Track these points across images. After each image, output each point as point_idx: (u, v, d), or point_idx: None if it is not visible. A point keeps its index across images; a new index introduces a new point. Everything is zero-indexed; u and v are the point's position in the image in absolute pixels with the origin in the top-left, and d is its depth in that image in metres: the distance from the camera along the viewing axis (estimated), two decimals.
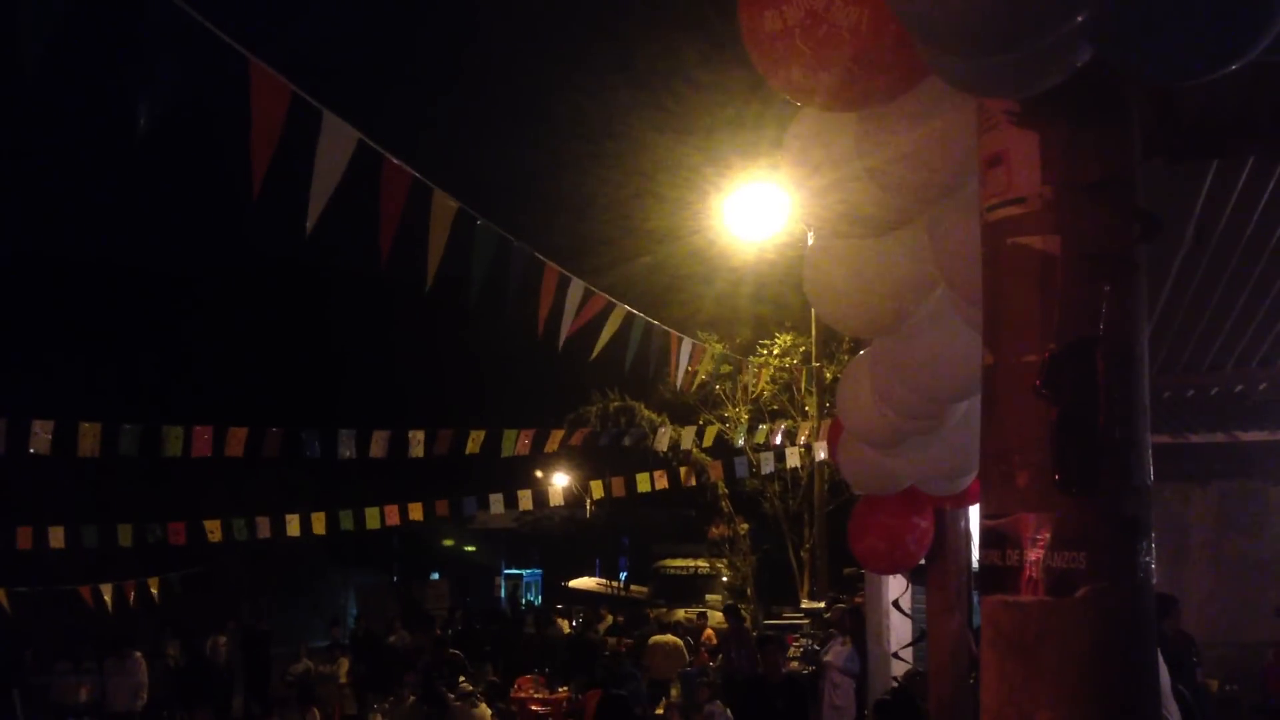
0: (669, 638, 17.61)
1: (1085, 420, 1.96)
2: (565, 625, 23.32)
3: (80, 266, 25.36)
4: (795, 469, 17.49)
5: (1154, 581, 2.02)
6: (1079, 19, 1.65)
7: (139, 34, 3.80)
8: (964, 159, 2.38)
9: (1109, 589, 1.95)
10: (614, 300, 7.89)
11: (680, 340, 9.53)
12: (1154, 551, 2.01)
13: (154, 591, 14.65)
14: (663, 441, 15.21)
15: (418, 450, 12.11)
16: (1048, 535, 1.97)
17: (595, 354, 8.32)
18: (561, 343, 7.07)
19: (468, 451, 12.42)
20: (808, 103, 2.48)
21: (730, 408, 18.89)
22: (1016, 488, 2.01)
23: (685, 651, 17.56)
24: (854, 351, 15.45)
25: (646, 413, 19.44)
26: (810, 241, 3.68)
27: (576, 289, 7.08)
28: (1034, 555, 1.98)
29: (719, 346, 16.47)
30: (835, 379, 16.64)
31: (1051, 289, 2.01)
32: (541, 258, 6.60)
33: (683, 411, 18.91)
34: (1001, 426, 2.07)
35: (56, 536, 12.09)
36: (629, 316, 8.21)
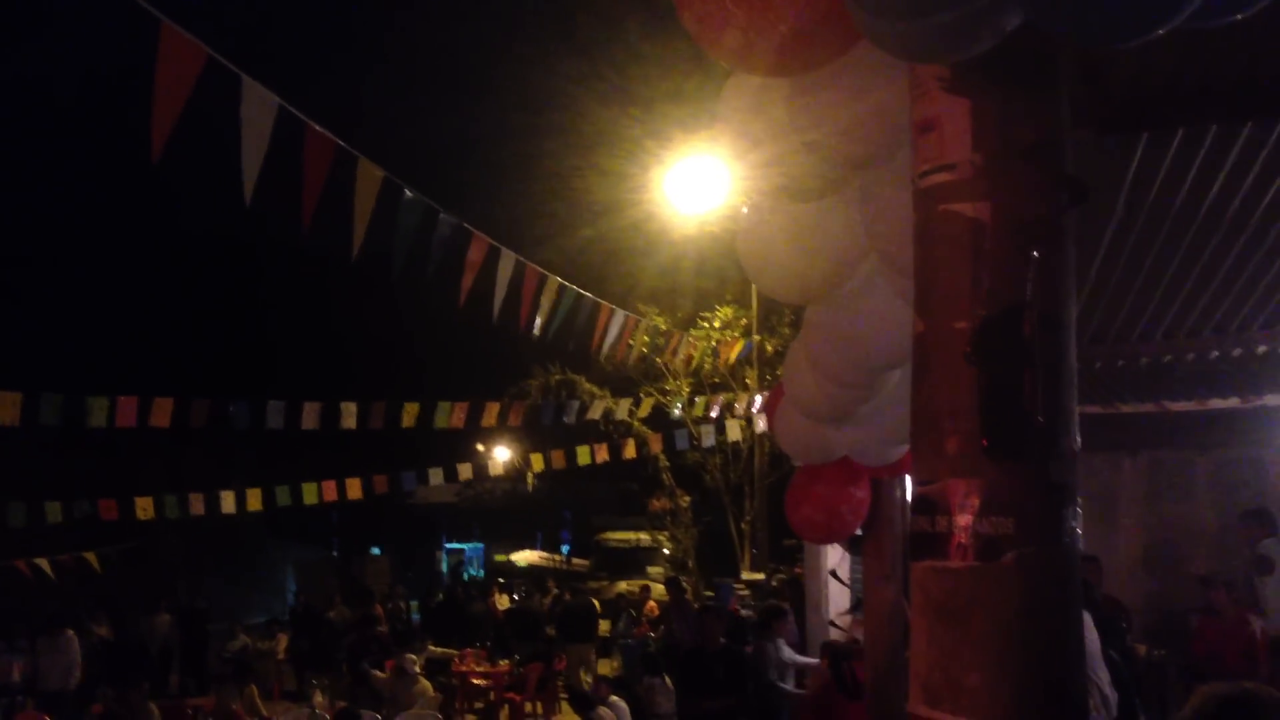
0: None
1: (1013, 387, 1.97)
2: (505, 599, 23.29)
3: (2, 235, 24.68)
4: (736, 442, 17.56)
5: (1080, 547, 2.03)
6: None
7: None
8: (897, 128, 2.37)
9: (1036, 554, 1.96)
10: (545, 272, 7.84)
11: (612, 312, 9.50)
12: (1080, 517, 2.03)
13: (95, 565, 14.40)
14: (597, 411, 15.18)
15: (349, 422, 11.97)
16: (976, 501, 1.97)
17: (538, 331, 8.27)
18: (495, 317, 7.01)
19: (404, 425, 12.30)
20: (741, 68, 2.46)
21: (671, 380, 18.92)
22: (946, 454, 2.01)
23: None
24: (795, 325, 15.53)
25: (587, 386, 19.41)
26: (745, 211, 3.67)
27: (508, 260, 7.01)
28: (963, 521, 1.98)
29: (660, 320, 16.46)
30: (776, 352, 16.75)
31: (982, 256, 2.01)
32: (469, 228, 6.53)
33: (625, 385, 18.90)
34: (932, 393, 2.07)
35: None
36: (562, 288, 8.17)
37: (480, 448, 29.76)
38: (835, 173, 2.81)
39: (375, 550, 36.23)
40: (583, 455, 13.98)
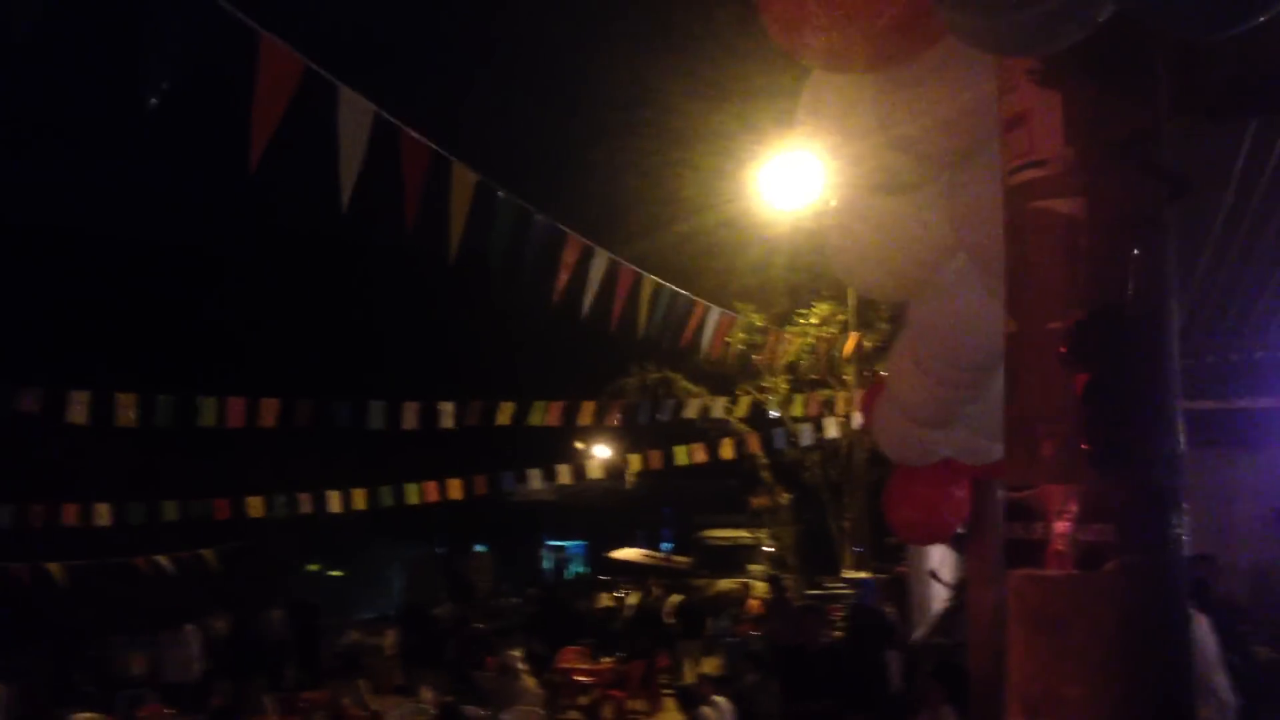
0: None
1: (1114, 389, 1.90)
2: (607, 598, 23.37)
3: (108, 241, 25.56)
4: (835, 439, 17.36)
5: (1185, 554, 1.95)
6: None
7: (150, 8, 3.80)
8: (990, 123, 2.31)
9: (1139, 562, 1.89)
10: (640, 271, 7.84)
11: (707, 309, 9.45)
12: (1186, 523, 1.95)
13: (212, 562, 14.90)
14: (693, 409, 15.14)
15: (448, 422, 12.16)
16: (1074, 508, 1.91)
17: (641, 332, 8.28)
18: (585, 315, 7.03)
19: (497, 423, 12.45)
20: (822, 67, 2.42)
21: (768, 378, 18.79)
22: (1041, 459, 1.95)
23: None
24: (893, 320, 15.30)
25: (684, 384, 19.39)
26: (834, 205, 3.61)
27: (601, 259, 7.03)
28: (1060, 528, 1.92)
29: (756, 317, 16.35)
30: (875, 348, 16.51)
31: (1076, 253, 1.94)
32: (563, 228, 6.56)
33: (722, 383, 18.83)
34: (1025, 396, 2.01)
35: (103, 513, 12.30)
36: (657, 287, 8.16)
37: (580, 446, 29.94)
38: (925, 168, 2.75)
39: (479, 547, 36.68)
40: (680, 455, 13.96)
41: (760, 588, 20.79)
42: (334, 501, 13.48)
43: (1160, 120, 1.98)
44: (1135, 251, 1.91)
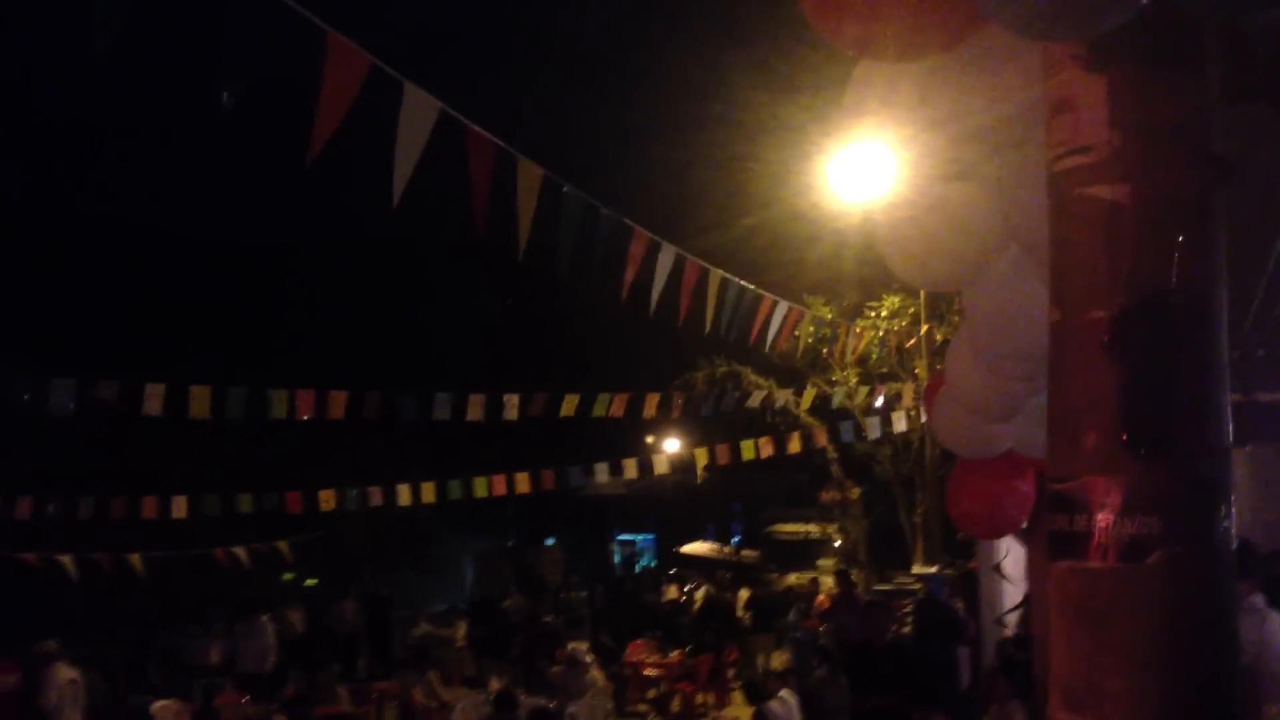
0: None
1: (1157, 379, 1.87)
2: (674, 590, 23.38)
3: (183, 240, 26.13)
4: (905, 433, 17.18)
5: (1233, 547, 1.92)
6: None
7: (220, 8, 3.89)
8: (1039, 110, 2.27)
9: (1185, 555, 1.86)
10: (706, 265, 7.82)
11: (775, 303, 9.40)
12: (1233, 515, 1.91)
13: (286, 554, 15.20)
14: (756, 399, 15.08)
15: (512, 413, 12.27)
16: (1118, 499, 1.89)
17: (708, 327, 8.26)
18: (653, 311, 7.04)
19: (562, 415, 12.53)
20: (863, 55, 2.40)
21: (838, 371, 18.66)
22: (1084, 450, 1.93)
23: None
24: (962, 313, 15.08)
25: (753, 377, 19.33)
26: (892, 197, 3.58)
27: (668, 255, 7.03)
28: (1104, 520, 1.90)
29: (826, 310, 16.24)
30: (946, 341, 16.31)
31: (1120, 241, 1.91)
32: (630, 223, 6.57)
33: (791, 376, 18.73)
34: (1068, 386, 1.98)
35: (179, 506, 12.61)
36: (724, 281, 8.14)
37: (650, 440, 30.00)
38: (978, 156, 2.72)
39: (549, 541, 36.93)
40: (747, 450, 13.92)
41: (829, 582, 20.65)
42: (404, 495, 13.67)
43: (1209, 105, 1.94)
44: (1180, 239, 1.87)
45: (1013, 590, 10.12)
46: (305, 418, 11.12)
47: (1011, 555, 8.77)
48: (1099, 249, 1.94)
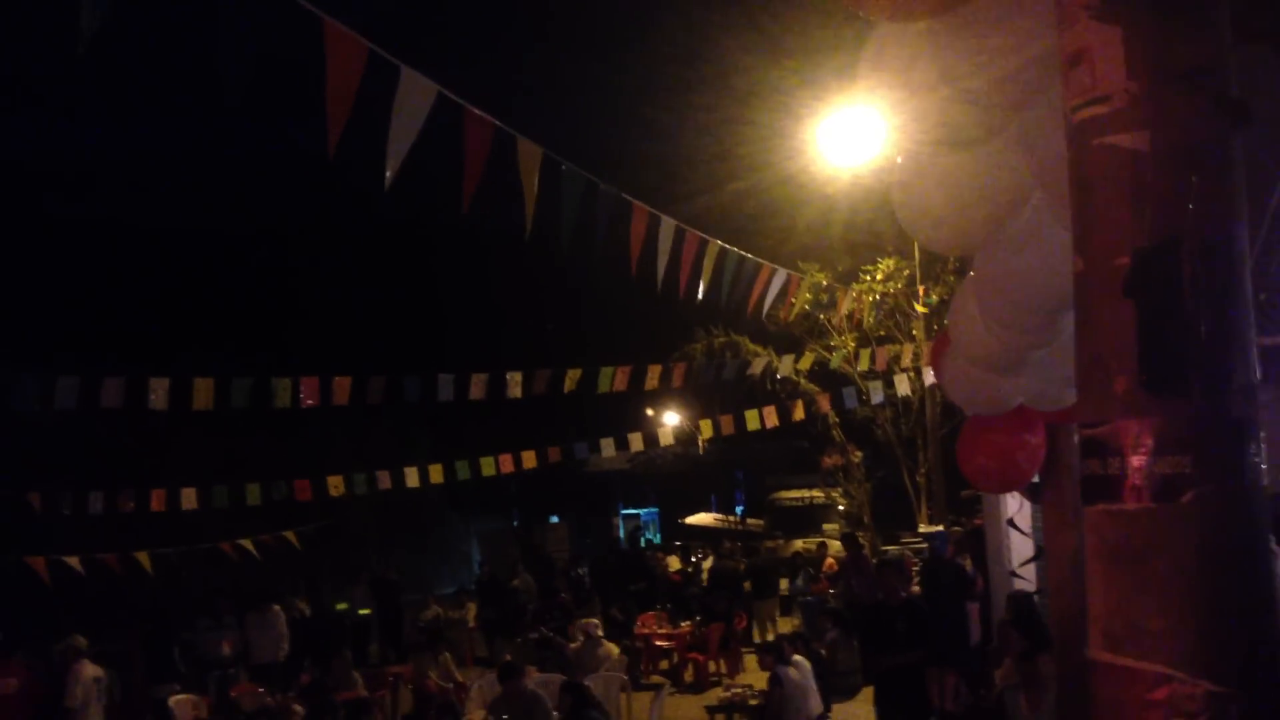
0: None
1: (1169, 318, 1.90)
2: (676, 561, 23.49)
3: (176, 232, 26.02)
4: (906, 395, 17.24)
5: (1265, 484, 1.95)
6: None
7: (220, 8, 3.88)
8: (1053, 66, 2.30)
9: (1217, 493, 1.89)
10: (706, 237, 7.83)
11: (773, 271, 9.41)
12: (1264, 452, 1.95)
13: (295, 543, 15.24)
14: (758, 366, 15.10)
15: (515, 391, 12.31)
16: (1150, 441, 1.92)
17: (701, 295, 8.28)
18: (660, 284, 7.05)
19: (566, 390, 12.56)
20: (871, 14, 2.42)
21: (836, 336, 18.70)
22: (1115, 394, 1.96)
23: None
24: (959, 273, 15.12)
25: (751, 346, 19.36)
26: (899, 162, 3.60)
27: (668, 227, 7.04)
28: (1136, 462, 1.93)
29: (821, 276, 16.27)
30: (942, 301, 16.35)
31: (1141, 188, 1.94)
32: (629, 198, 6.57)
33: (789, 344, 18.75)
34: (1096, 333, 2.01)
35: (189, 498, 12.65)
36: (723, 250, 8.15)
37: (650, 413, 30.05)
38: (993, 118, 2.74)
39: (553, 519, 37.07)
40: (751, 420, 13.96)
41: (836, 546, 20.77)
42: (412, 477, 13.72)
43: (1223, 49, 1.96)
44: (1194, 179, 1.90)
45: (1021, 544, 10.21)
46: (310, 403, 11.15)
47: (1024, 509, 8.82)
48: (1120, 197, 1.96)
